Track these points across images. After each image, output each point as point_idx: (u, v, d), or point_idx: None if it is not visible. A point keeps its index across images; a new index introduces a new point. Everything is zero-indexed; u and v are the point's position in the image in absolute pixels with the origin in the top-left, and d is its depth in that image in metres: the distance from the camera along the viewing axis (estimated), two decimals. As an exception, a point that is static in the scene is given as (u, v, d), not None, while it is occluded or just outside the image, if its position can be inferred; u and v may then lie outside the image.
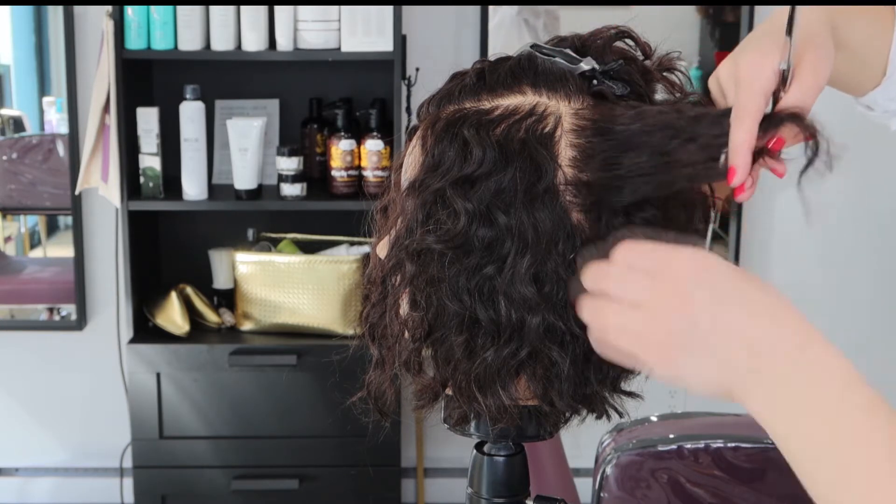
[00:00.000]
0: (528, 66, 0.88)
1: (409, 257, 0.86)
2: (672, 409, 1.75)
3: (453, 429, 0.95)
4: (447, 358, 0.87)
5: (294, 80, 2.92)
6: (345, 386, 1.03)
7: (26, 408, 3.13)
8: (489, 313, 0.84)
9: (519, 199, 0.83)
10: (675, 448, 1.51)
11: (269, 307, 2.78)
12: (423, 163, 0.87)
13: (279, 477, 2.81)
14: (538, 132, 0.84)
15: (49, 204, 3.12)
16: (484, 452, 0.95)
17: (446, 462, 3.16)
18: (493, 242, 0.83)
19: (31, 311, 3.13)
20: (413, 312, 0.87)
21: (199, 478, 2.81)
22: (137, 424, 2.78)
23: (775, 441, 0.70)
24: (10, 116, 3.11)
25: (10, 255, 3.21)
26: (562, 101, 0.86)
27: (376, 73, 2.82)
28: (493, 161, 0.84)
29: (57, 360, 3.09)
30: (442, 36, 2.91)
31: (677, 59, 0.92)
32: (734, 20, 2.92)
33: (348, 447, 2.77)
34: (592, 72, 0.87)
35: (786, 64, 0.85)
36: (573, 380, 0.86)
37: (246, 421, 2.78)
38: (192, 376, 2.75)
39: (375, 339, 0.94)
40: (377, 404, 0.95)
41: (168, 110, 2.76)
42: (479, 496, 0.95)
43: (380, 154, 2.73)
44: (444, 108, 0.89)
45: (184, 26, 2.66)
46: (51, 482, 3.18)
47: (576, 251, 0.84)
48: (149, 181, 2.74)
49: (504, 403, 0.87)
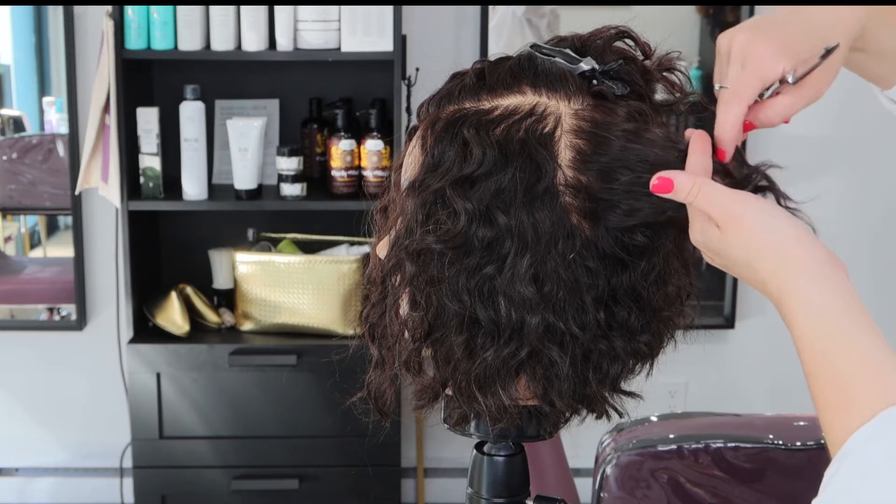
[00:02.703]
0: (528, 66, 0.89)
1: (409, 257, 0.86)
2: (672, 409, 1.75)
3: (453, 429, 0.95)
4: (447, 358, 0.87)
5: (294, 80, 2.92)
6: (345, 386, 1.03)
7: (26, 408, 3.13)
8: (489, 313, 0.84)
9: (519, 199, 0.83)
10: (675, 448, 1.51)
11: (269, 307, 2.78)
12: (423, 163, 0.87)
13: (279, 477, 2.81)
14: (538, 132, 0.84)
15: (49, 204, 3.12)
16: (484, 452, 0.95)
17: (446, 462, 3.16)
18: (492, 242, 0.83)
19: (31, 311, 3.13)
20: (413, 312, 0.87)
21: (199, 478, 2.81)
22: (137, 424, 2.78)
23: (789, 324, 0.78)
24: (10, 116, 3.10)
25: (10, 255, 3.21)
26: (562, 101, 0.86)
27: (376, 73, 2.82)
28: (492, 161, 0.84)
29: (57, 360, 3.09)
30: (442, 36, 2.91)
31: (677, 59, 0.92)
32: (734, 20, 2.92)
33: (348, 447, 2.76)
34: (592, 72, 0.87)
35: (793, 79, 0.87)
36: (573, 380, 0.87)
37: (246, 421, 2.78)
38: (192, 376, 2.75)
39: (375, 339, 0.94)
40: (377, 404, 0.95)
41: (168, 110, 2.75)
42: (479, 496, 0.95)
43: (380, 154, 2.73)
44: (443, 108, 0.89)
45: (184, 26, 2.66)
46: (51, 482, 3.18)
47: (575, 251, 0.84)
48: (149, 181, 2.74)
49: (504, 403, 0.87)
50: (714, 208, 0.81)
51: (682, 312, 0.93)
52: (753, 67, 0.86)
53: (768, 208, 0.81)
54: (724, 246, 0.82)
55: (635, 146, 0.83)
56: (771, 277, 0.79)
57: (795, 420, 1.56)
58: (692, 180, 0.82)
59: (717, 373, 3.09)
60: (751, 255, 0.80)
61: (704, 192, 0.81)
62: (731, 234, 0.81)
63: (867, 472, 0.69)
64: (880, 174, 3.00)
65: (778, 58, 0.86)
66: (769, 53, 0.87)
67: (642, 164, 0.83)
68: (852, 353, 0.74)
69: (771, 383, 3.09)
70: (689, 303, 0.94)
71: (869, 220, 3.04)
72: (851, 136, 2.97)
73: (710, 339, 3.02)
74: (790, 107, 0.88)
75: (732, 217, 0.80)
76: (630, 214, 0.83)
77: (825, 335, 0.75)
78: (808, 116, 0.91)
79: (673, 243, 0.89)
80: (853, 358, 0.74)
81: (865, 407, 0.71)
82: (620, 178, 0.83)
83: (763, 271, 0.79)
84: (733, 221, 0.80)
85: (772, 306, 0.80)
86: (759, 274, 0.80)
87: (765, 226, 0.79)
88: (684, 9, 2.96)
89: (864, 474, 0.69)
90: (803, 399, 0.80)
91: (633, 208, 0.83)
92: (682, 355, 0.97)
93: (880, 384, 0.72)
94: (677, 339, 0.94)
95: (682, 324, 0.93)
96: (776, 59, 0.86)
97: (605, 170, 0.83)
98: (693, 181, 0.82)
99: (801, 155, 2.92)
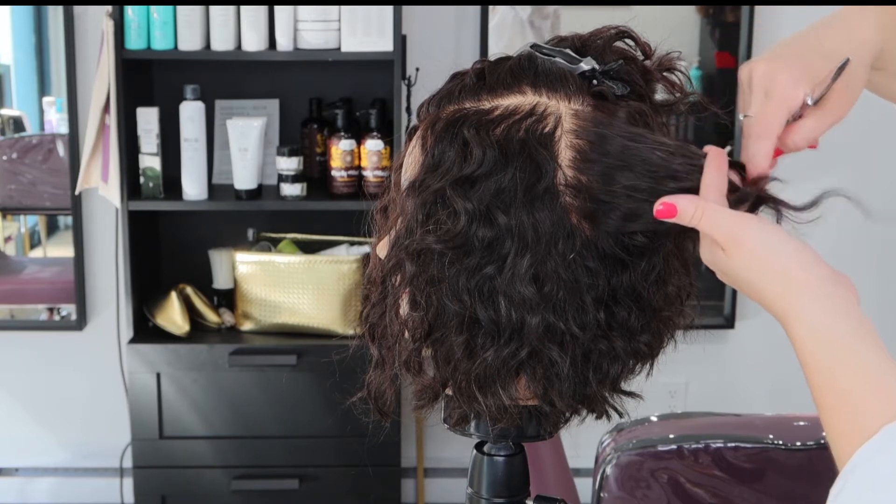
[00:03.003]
0: (528, 66, 0.88)
1: (409, 257, 0.86)
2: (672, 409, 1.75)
3: (453, 429, 0.94)
4: (447, 358, 0.87)
5: (294, 80, 2.92)
6: (345, 386, 1.03)
7: (26, 408, 3.13)
8: (489, 313, 0.84)
9: (519, 199, 0.83)
10: (675, 448, 1.51)
11: (269, 307, 2.78)
12: (423, 163, 0.87)
13: (279, 477, 2.81)
14: (538, 132, 0.84)
15: (49, 204, 3.12)
16: (484, 452, 0.95)
17: (446, 462, 3.16)
18: (493, 242, 0.83)
19: (31, 311, 3.13)
20: (413, 312, 0.87)
21: (199, 478, 2.81)
22: (137, 424, 2.78)
23: (794, 343, 0.79)
24: (10, 116, 3.11)
25: (10, 255, 3.21)
26: (562, 101, 0.86)
27: (376, 73, 2.82)
28: (493, 161, 0.84)
29: (57, 360, 3.09)
30: (442, 36, 2.91)
31: (677, 59, 0.92)
32: (734, 20, 2.92)
33: (348, 447, 2.76)
34: (592, 72, 0.87)
35: (812, 101, 0.88)
36: (573, 380, 0.87)
37: (246, 421, 2.78)
38: (192, 376, 2.75)
39: (375, 339, 0.94)
40: (377, 404, 0.95)
41: (168, 110, 2.75)
42: (479, 496, 0.95)
43: (380, 154, 2.73)
44: (443, 108, 0.89)
45: (184, 26, 2.66)
46: (51, 482, 3.18)
47: (575, 251, 0.84)
48: (149, 181, 2.74)
49: (504, 403, 0.87)
50: (717, 232, 0.82)
51: (682, 312, 0.93)
52: (777, 97, 0.88)
53: (771, 230, 0.82)
54: (729, 268, 0.83)
55: (636, 146, 0.83)
56: (775, 299, 0.80)
57: (795, 420, 1.56)
58: (694, 204, 0.82)
59: (717, 373, 3.09)
60: (755, 278, 0.81)
61: (707, 216, 0.82)
62: (736, 257, 0.82)
63: (876, 484, 0.70)
64: (880, 174, 3.00)
65: (798, 84, 0.88)
66: (790, 81, 0.88)
67: (642, 165, 0.83)
68: (856, 368, 0.75)
69: (771, 383, 3.09)
70: (689, 303, 0.94)
71: (869, 220, 3.04)
72: (852, 137, 2.97)
73: (710, 339, 3.02)
74: (813, 129, 0.90)
75: (735, 241, 0.81)
76: (629, 219, 0.83)
77: (828, 352, 0.76)
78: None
79: (673, 243, 0.89)
80: (857, 374, 0.75)
81: (871, 421, 0.72)
82: (620, 181, 0.83)
83: (768, 293, 0.80)
84: (736, 245, 0.81)
85: (771, 307, 0.80)
86: (765, 295, 0.81)
87: (768, 248, 0.80)
88: (684, 9, 2.96)
89: (874, 486, 0.70)
90: (803, 399, 0.81)
91: (633, 212, 0.83)
92: (682, 355, 0.97)
93: (884, 398, 0.73)
94: (677, 339, 0.94)
95: (682, 324, 0.94)
96: (797, 86, 0.88)
97: (605, 170, 0.83)
98: (695, 205, 0.82)
99: (801, 155, 2.92)
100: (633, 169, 0.83)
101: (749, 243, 0.81)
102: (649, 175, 0.83)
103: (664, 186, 0.83)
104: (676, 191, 0.83)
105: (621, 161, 0.83)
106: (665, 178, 0.83)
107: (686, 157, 0.84)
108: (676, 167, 0.84)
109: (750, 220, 0.82)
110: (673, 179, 0.83)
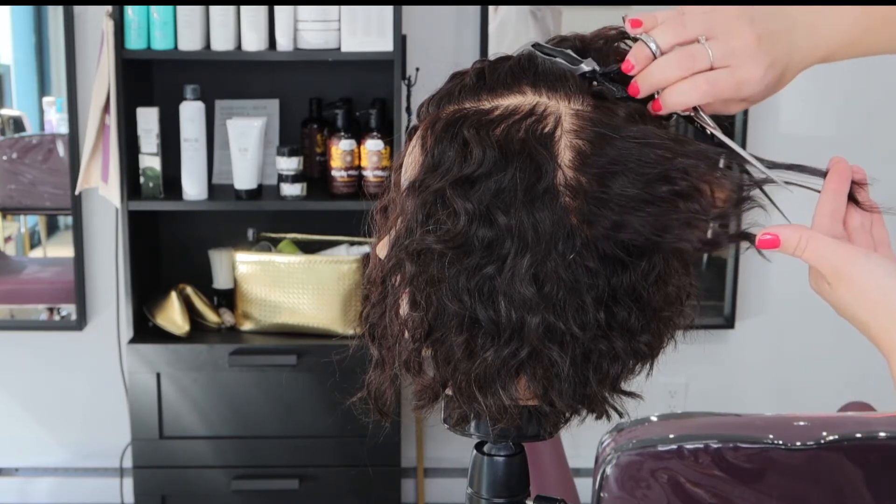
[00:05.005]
0: (528, 66, 0.88)
1: (409, 257, 0.86)
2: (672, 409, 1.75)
3: (453, 429, 0.94)
4: (447, 358, 0.87)
5: (294, 80, 2.92)
6: (345, 386, 1.03)
7: (26, 408, 3.13)
8: (489, 313, 0.84)
9: (519, 200, 0.83)
10: (675, 448, 1.51)
11: (269, 307, 2.78)
12: (423, 163, 0.87)
13: (279, 477, 2.81)
14: (538, 132, 0.84)
15: (49, 204, 3.12)
16: (484, 452, 0.95)
17: (446, 462, 3.16)
18: (492, 242, 0.83)
19: (31, 311, 3.13)
20: (413, 312, 0.87)
21: (199, 478, 2.81)
22: (137, 424, 2.78)
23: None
24: (10, 116, 3.11)
25: (10, 255, 3.21)
26: (562, 101, 0.86)
27: (376, 73, 2.82)
28: (493, 161, 0.84)
29: (57, 360, 3.09)
30: (442, 36, 2.91)
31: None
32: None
33: (348, 447, 2.77)
34: (593, 73, 0.87)
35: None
36: (573, 380, 0.86)
37: (246, 421, 2.78)
38: (192, 376, 2.75)
39: (375, 339, 0.94)
40: (377, 404, 0.95)
41: (168, 110, 2.76)
42: (479, 496, 0.95)
43: (380, 154, 2.73)
44: (443, 108, 0.89)
45: (184, 26, 2.66)
46: (51, 482, 3.18)
47: (575, 251, 0.84)
48: (149, 181, 2.74)
49: (504, 403, 0.87)
50: (823, 265, 0.82)
51: (682, 312, 0.93)
52: None
53: (881, 265, 0.81)
54: (835, 301, 0.83)
55: (635, 147, 0.83)
56: (884, 335, 0.80)
57: (795, 420, 1.55)
58: (798, 234, 0.82)
59: (717, 373, 3.09)
60: (861, 314, 0.81)
61: (812, 248, 0.82)
62: (842, 292, 0.82)
63: None
64: (881, 174, 3.00)
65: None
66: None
67: (638, 168, 0.83)
68: None
69: (771, 383, 3.09)
70: (689, 303, 0.93)
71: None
72: (852, 137, 2.97)
73: (710, 339, 3.02)
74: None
75: (840, 275, 0.81)
76: (617, 229, 0.83)
77: None
78: (808, 116, 0.91)
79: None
80: None
81: None
82: (614, 187, 0.82)
83: (876, 328, 0.80)
84: (843, 281, 0.81)
85: (772, 306, 0.80)
86: (872, 330, 0.81)
87: (877, 285, 0.80)
88: (684, 9, 2.95)
89: None
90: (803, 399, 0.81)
91: (621, 223, 0.82)
92: (682, 355, 0.97)
93: None
94: (677, 339, 0.94)
95: (682, 324, 0.93)
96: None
97: (602, 173, 0.83)
98: (800, 235, 0.82)
99: (801, 155, 2.92)
100: (628, 173, 0.82)
101: (858, 280, 0.81)
102: (643, 180, 0.82)
103: (656, 191, 0.82)
104: (670, 194, 0.82)
105: (618, 163, 0.83)
106: (658, 182, 0.82)
107: (686, 158, 0.84)
108: (672, 170, 0.83)
109: (856, 253, 0.82)
110: (666, 182, 0.82)
